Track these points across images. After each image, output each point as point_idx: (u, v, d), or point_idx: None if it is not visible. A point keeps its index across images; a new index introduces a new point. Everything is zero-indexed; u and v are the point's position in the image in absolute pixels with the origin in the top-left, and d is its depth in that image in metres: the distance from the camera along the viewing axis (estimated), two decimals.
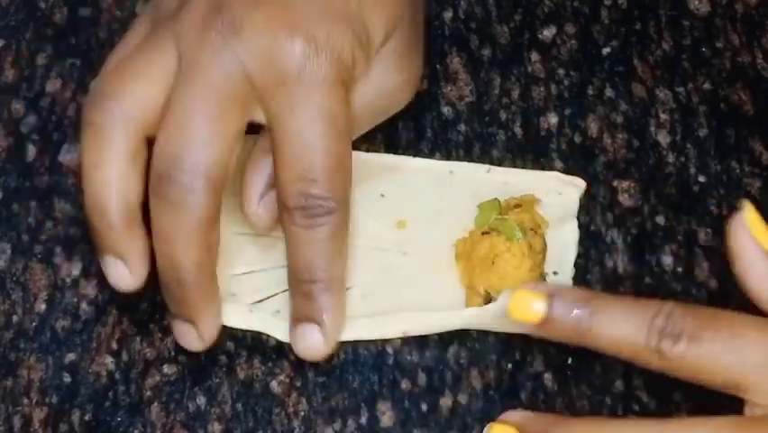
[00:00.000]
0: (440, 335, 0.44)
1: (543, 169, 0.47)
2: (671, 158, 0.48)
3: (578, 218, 0.46)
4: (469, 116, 0.49)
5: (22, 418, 0.43)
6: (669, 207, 0.47)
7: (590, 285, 0.45)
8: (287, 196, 0.40)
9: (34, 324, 0.45)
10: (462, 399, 0.43)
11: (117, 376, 0.43)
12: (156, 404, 0.43)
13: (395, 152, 0.48)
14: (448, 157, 0.48)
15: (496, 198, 0.45)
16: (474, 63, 0.50)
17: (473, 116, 0.49)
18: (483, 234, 0.44)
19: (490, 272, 0.43)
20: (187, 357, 0.44)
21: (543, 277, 0.44)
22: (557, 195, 0.46)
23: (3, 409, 0.43)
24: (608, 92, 0.49)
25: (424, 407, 0.43)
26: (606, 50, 0.51)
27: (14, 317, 0.45)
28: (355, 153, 0.42)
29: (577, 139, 0.49)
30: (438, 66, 0.50)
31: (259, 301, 0.45)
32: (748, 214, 0.38)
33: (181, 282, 0.40)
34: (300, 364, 0.43)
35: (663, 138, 0.49)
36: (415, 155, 0.48)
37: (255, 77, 0.40)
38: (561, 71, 0.50)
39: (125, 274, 0.41)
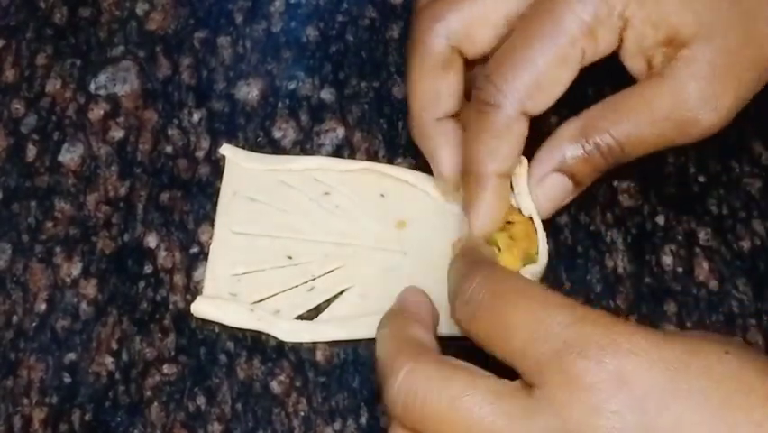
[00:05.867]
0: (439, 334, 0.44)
1: None
2: (671, 158, 0.48)
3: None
4: None
5: (22, 418, 0.43)
6: (669, 206, 0.47)
7: (590, 285, 0.45)
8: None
9: (34, 324, 0.45)
10: None
11: (117, 376, 0.43)
12: (156, 404, 0.43)
13: (395, 152, 0.48)
14: None
15: None
16: None
17: None
18: None
19: None
20: (188, 357, 0.44)
21: (533, 258, 0.43)
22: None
23: (3, 409, 0.43)
24: (608, 92, 0.49)
25: None
26: None
27: (14, 317, 0.45)
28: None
29: None
30: None
31: (259, 301, 0.45)
32: None
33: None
34: (300, 364, 0.44)
35: None
36: (415, 155, 0.48)
37: None
38: None
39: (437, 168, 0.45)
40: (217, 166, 0.48)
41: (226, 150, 0.48)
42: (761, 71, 0.42)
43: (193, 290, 0.45)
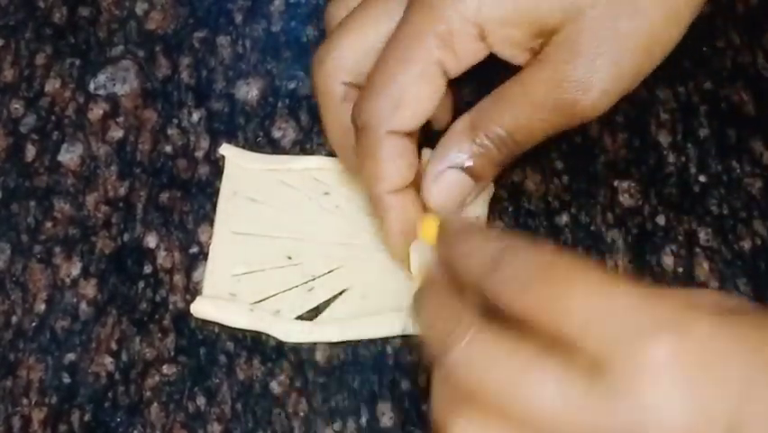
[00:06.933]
0: None
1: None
2: (671, 158, 0.48)
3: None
4: None
5: (22, 418, 0.43)
6: (669, 207, 0.47)
7: None
8: None
9: (34, 324, 0.45)
10: None
11: (117, 377, 0.43)
12: (156, 405, 0.43)
13: None
14: None
15: None
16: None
17: None
18: None
19: None
20: (187, 357, 0.44)
21: None
22: None
23: (2, 409, 0.43)
24: None
25: (424, 407, 0.43)
26: None
27: (14, 318, 0.45)
28: None
29: (577, 139, 0.49)
30: None
31: (259, 301, 0.45)
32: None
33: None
34: (300, 365, 0.43)
35: (664, 138, 0.49)
36: None
37: None
38: None
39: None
40: (217, 166, 0.48)
41: (226, 150, 0.48)
42: (643, 44, 0.40)
43: (193, 291, 0.45)
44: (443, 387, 0.34)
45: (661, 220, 0.47)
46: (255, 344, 0.44)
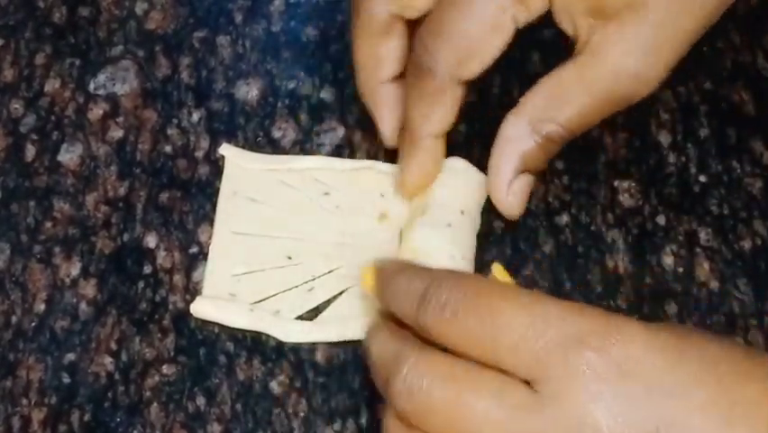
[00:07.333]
0: None
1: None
2: (671, 158, 0.48)
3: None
4: (469, 116, 0.49)
5: (22, 418, 0.43)
6: (669, 207, 0.47)
7: (591, 285, 0.45)
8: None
9: (33, 324, 0.45)
10: None
11: (116, 377, 0.43)
12: (155, 405, 0.43)
13: (395, 152, 0.48)
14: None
15: None
16: None
17: (473, 116, 0.49)
18: None
19: None
20: (187, 358, 0.44)
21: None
22: None
23: (2, 409, 0.43)
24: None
25: None
26: None
27: (13, 318, 0.45)
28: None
29: (577, 139, 0.48)
30: None
31: (259, 301, 0.45)
32: None
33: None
34: (300, 365, 0.43)
35: (664, 138, 0.49)
36: None
37: None
38: None
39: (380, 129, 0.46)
40: (217, 166, 0.48)
41: (226, 150, 0.48)
42: (693, 38, 0.42)
43: (192, 291, 0.45)
44: (392, 419, 0.36)
45: (661, 220, 0.47)
46: (255, 344, 0.44)
